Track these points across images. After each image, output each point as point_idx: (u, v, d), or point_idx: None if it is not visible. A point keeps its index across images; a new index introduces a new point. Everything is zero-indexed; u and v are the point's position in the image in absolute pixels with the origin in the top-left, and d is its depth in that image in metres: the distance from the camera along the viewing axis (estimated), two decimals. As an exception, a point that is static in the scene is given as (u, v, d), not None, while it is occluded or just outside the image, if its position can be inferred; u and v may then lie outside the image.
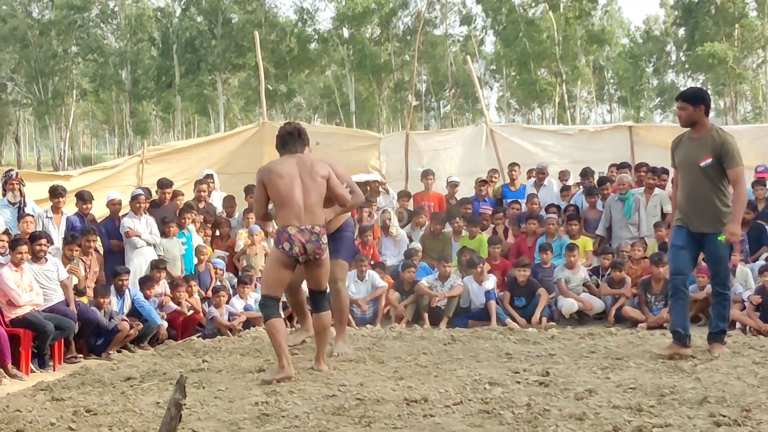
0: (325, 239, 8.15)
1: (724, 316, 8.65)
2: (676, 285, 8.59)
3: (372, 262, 14.23)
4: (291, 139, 8.34)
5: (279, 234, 8.11)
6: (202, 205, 14.90)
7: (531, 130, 19.47)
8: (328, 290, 8.68)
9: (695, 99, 8.64)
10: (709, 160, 8.51)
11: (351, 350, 8.90)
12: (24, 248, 11.08)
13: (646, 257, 13.49)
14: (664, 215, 14.46)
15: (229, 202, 15.49)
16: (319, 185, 8.14)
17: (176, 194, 14.93)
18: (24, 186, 13.09)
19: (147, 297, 12.34)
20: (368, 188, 16.01)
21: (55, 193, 13.38)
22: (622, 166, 15.81)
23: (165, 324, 12.43)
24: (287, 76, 66.02)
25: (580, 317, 13.28)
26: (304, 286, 8.99)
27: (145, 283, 12.52)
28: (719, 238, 8.38)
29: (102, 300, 11.90)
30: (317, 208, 8.14)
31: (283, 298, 9.43)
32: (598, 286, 13.74)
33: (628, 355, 8.26)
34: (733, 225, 8.38)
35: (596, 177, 15.81)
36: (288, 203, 8.08)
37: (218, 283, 13.59)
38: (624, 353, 8.34)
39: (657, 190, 14.76)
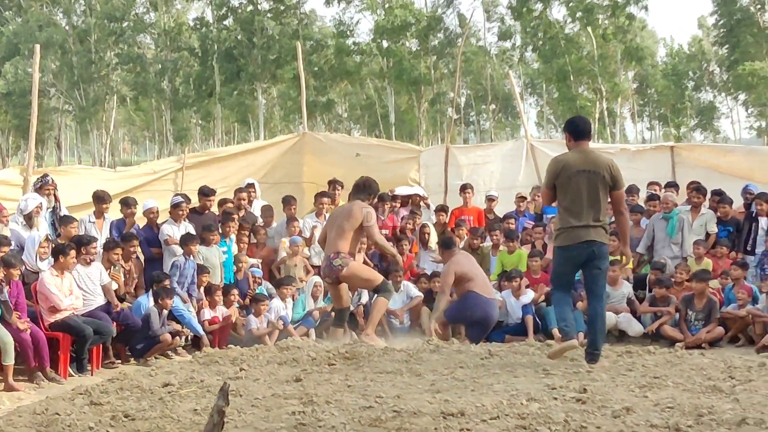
0: (337, 261, 11.00)
1: None
2: None
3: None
4: (356, 189, 11.56)
5: None
6: (241, 213, 14.95)
7: (572, 146, 19.35)
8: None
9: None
10: None
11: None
12: (73, 253, 11.22)
13: (689, 280, 13.39)
14: (708, 235, 14.42)
15: (267, 211, 15.52)
16: (350, 221, 11.10)
17: (225, 201, 15.05)
18: (58, 191, 13.21)
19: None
20: (410, 201, 16.08)
21: (101, 198, 13.48)
22: (669, 185, 15.68)
23: (206, 336, 12.56)
24: (326, 87, 66.26)
25: (620, 335, 13.25)
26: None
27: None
28: None
29: (163, 302, 12.01)
30: (339, 239, 11.09)
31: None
32: (644, 298, 13.73)
33: (666, 374, 8.18)
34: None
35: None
36: (327, 240, 11.38)
37: (258, 291, 13.70)
38: (662, 372, 8.27)
39: (704, 209, 14.67)
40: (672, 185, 15.67)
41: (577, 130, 9.22)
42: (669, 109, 74.62)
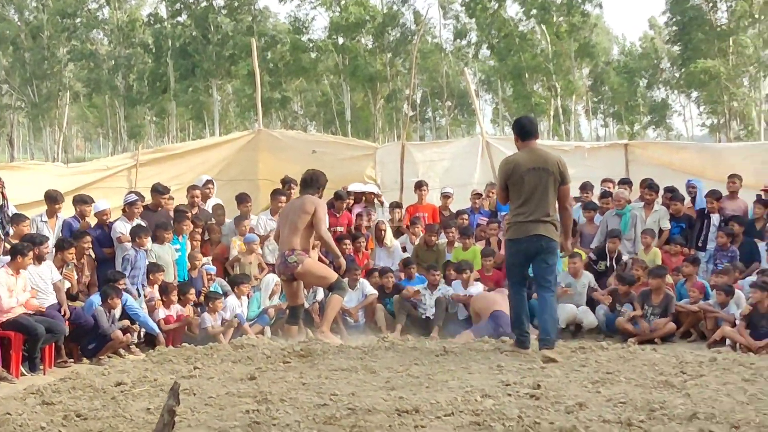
0: (292, 258, 10.96)
1: None
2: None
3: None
4: (304, 184, 11.52)
5: None
6: (194, 210, 14.84)
7: (526, 144, 19.37)
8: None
9: None
10: None
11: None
12: (32, 254, 11.12)
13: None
14: (661, 231, 14.58)
15: (218, 210, 15.37)
16: (302, 217, 10.99)
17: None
18: (6, 189, 13.03)
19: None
20: (364, 198, 16.07)
21: (53, 198, 13.33)
22: (623, 182, 15.85)
23: (160, 334, 12.46)
24: (281, 83, 66.11)
25: (576, 329, 13.36)
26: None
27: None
28: None
29: (112, 301, 11.88)
30: (293, 236, 11.03)
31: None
32: (606, 269, 14.10)
33: (619, 369, 8.24)
34: None
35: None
36: (280, 236, 11.40)
37: (213, 289, 13.62)
38: (615, 367, 8.32)
39: (657, 206, 14.83)
40: (625, 182, 15.83)
41: (524, 131, 9.72)
42: (622, 106, 75.19)
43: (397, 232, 15.82)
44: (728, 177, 14.93)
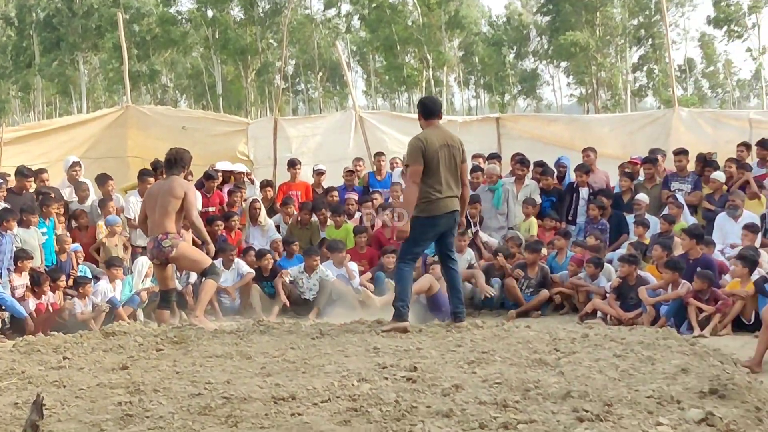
0: (167, 242, 10.53)
1: None
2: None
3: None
4: (168, 165, 10.86)
5: None
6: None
7: (399, 118, 19.45)
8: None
9: None
10: None
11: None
12: None
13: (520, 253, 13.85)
14: (533, 205, 14.88)
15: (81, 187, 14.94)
16: (172, 203, 10.55)
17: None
18: None
19: None
20: (232, 178, 15.88)
21: None
22: (491, 157, 16.00)
23: (29, 318, 12.12)
24: (150, 56, 65.06)
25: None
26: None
27: None
28: None
29: None
30: (164, 219, 10.57)
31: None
32: (473, 235, 14.40)
33: (494, 348, 8.30)
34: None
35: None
36: (149, 219, 10.81)
37: (81, 273, 13.30)
38: (490, 347, 8.37)
39: (527, 181, 15.04)
40: (494, 157, 16.00)
41: (426, 111, 9.85)
42: (493, 77, 76.01)
43: (270, 211, 15.70)
44: (582, 151, 15.26)
